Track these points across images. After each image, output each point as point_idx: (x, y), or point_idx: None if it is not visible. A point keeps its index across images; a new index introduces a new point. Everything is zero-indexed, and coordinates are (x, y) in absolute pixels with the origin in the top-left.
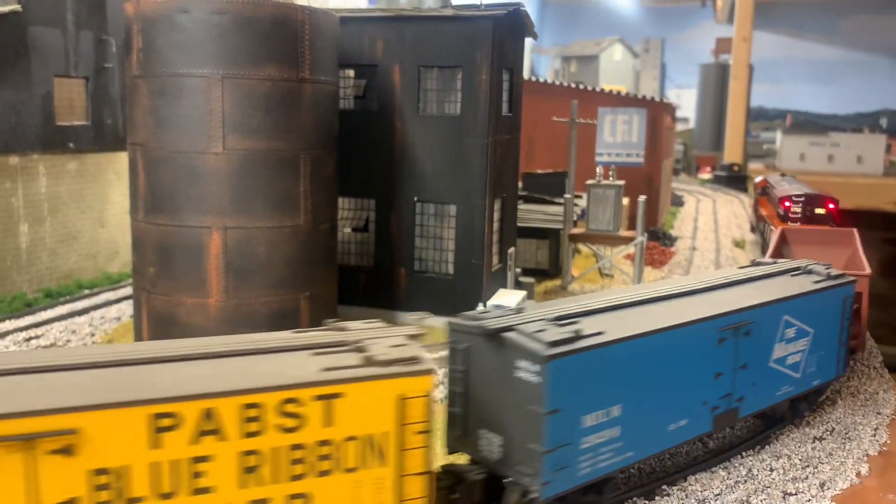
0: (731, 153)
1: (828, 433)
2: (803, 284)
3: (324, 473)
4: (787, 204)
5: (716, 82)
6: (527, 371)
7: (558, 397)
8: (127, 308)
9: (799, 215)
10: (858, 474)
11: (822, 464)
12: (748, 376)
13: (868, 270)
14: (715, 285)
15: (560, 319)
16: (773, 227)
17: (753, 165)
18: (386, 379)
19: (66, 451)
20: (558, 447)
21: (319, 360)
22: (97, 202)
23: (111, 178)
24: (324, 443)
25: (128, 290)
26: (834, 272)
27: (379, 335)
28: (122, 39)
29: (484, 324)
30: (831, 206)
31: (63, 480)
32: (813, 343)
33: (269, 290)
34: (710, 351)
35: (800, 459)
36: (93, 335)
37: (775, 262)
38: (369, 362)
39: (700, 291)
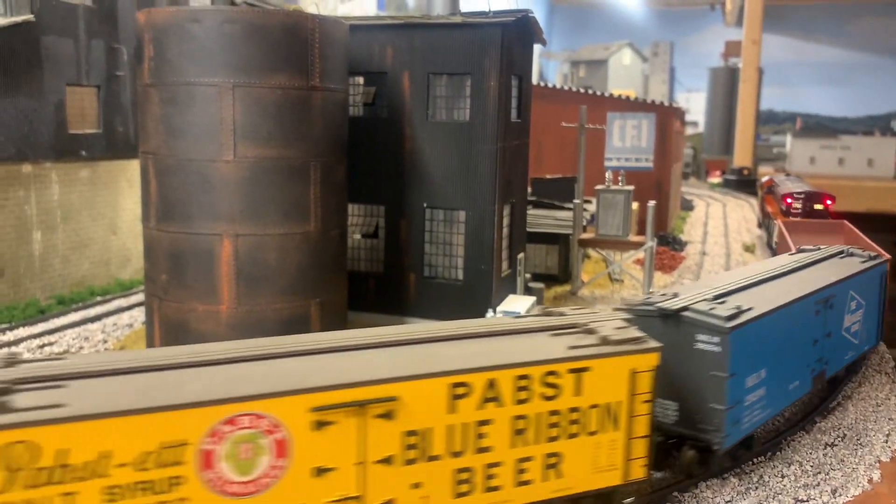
0: (741, 157)
1: (839, 439)
2: (854, 264)
3: (572, 436)
4: (788, 200)
5: (725, 86)
6: (708, 343)
7: (735, 363)
8: (139, 315)
9: (799, 210)
10: (870, 480)
11: (834, 470)
12: (831, 343)
13: (888, 256)
14: (795, 268)
15: (716, 299)
16: (776, 222)
17: (763, 169)
18: (622, 356)
19: (388, 415)
20: (734, 405)
21: (562, 340)
22: (109, 209)
23: (123, 186)
24: (573, 409)
25: (139, 297)
26: (871, 253)
27: (598, 318)
28: (133, 48)
29: (661, 306)
30: (828, 202)
31: (384, 440)
32: (864, 314)
33: (280, 297)
34: (810, 321)
35: (811, 466)
36: (105, 342)
37: (819, 249)
38: (605, 342)
39: (788, 273)
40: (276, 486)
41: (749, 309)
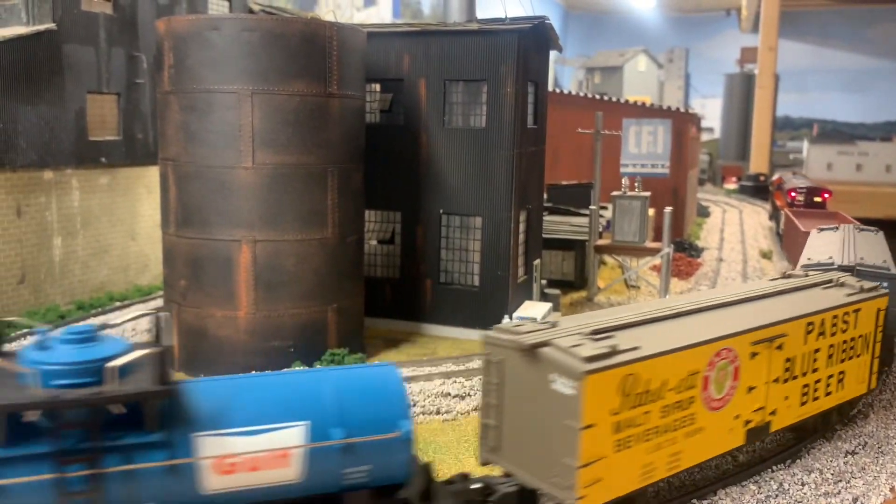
0: (757, 163)
1: (860, 447)
2: (876, 235)
3: (850, 358)
4: (792, 194)
5: (741, 92)
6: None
7: None
8: None
9: (802, 202)
10: (892, 489)
11: (855, 478)
12: None
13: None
14: (855, 238)
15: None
16: (783, 212)
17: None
18: (874, 299)
19: (780, 347)
20: None
21: (835, 291)
22: (128, 216)
23: (142, 192)
24: (852, 339)
25: (158, 303)
26: (875, 228)
27: (838, 276)
28: (152, 56)
29: (857, 267)
30: (825, 195)
31: (776, 366)
32: None
33: (298, 303)
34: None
35: (832, 474)
36: None
37: (837, 228)
38: (862, 290)
39: (855, 242)
40: (730, 402)
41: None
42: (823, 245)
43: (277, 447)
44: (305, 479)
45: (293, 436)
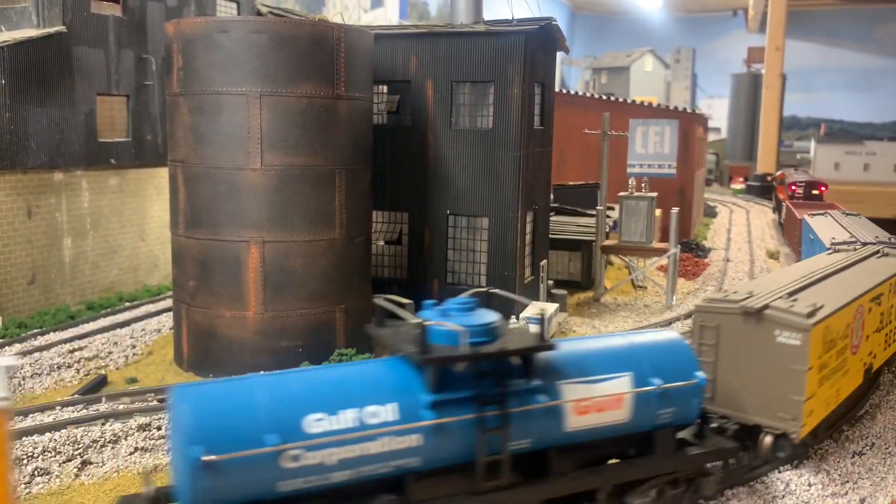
0: (764, 163)
1: (867, 448)
2: (862, 219)
3: None
4: (793, 188)
5: (748, 92)
6: None
7: None
8: (166, 320)
9: (801, 195)
10: None
11: (862, 479)
12: None
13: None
14: (850, 222)
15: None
16: (785, 203)
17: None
18: None
19: (879, 303)
20: None
21: (886, 260)
22: (137, 216)
23: (151, 193)
24: None
25: (167, 303)
26: (858, 214)
27: (877, 249)
28: (161, 57)
29: (884, 245)
30: (822, 188)
31: (875, 319)
32: None
33: (306, 303)
34: None
35: (839, 475)
36: (134, 346)
37: (826, 213)
38: None
39: (854, 223)
40: (860, 348)
41: None
42: (829, 228)
43: (615, 392)
44: (632, 419)
45: (624, 384)
